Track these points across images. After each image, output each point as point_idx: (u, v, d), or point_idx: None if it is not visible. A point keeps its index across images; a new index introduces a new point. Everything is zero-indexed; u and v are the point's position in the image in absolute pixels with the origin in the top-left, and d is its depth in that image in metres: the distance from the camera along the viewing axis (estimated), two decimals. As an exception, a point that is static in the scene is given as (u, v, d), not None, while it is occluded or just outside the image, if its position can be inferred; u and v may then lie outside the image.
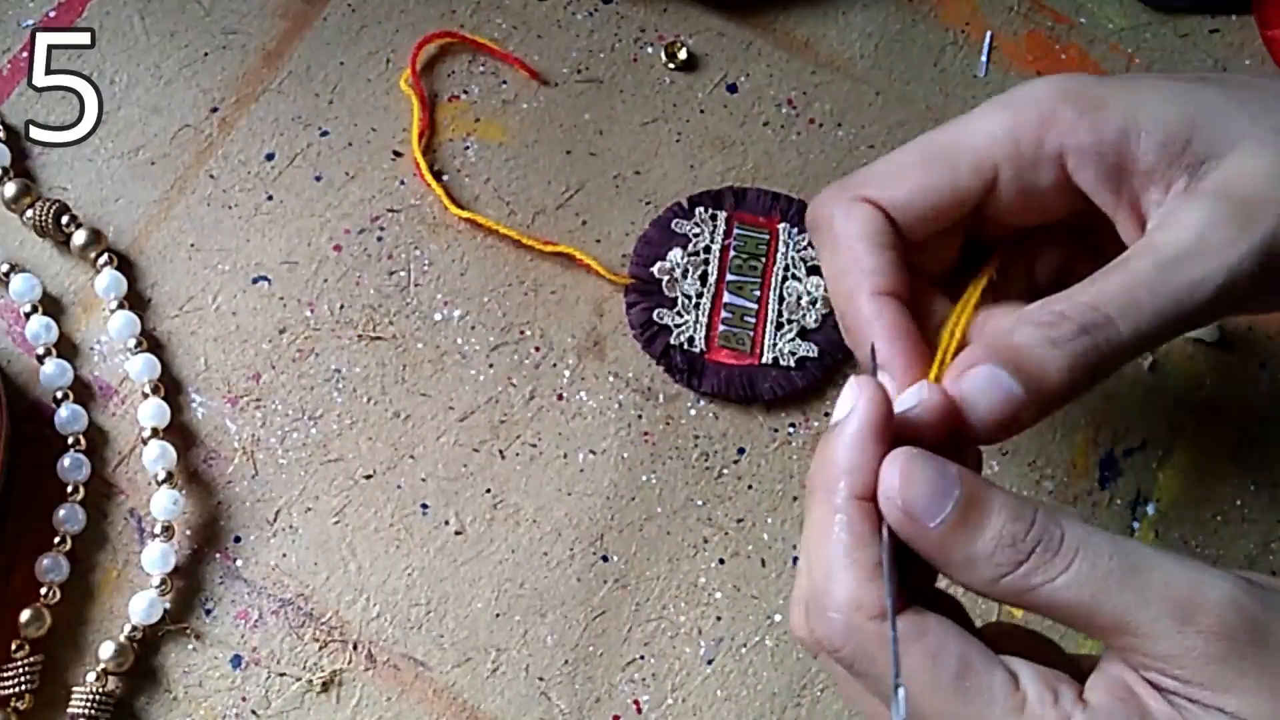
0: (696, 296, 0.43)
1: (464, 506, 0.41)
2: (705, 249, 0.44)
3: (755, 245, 0.44)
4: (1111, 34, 0.49)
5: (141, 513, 0.40)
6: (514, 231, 0.44)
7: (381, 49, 0.47)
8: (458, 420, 0.42)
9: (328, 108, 0.46)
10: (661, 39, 0.48)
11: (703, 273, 0.44)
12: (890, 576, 0.26)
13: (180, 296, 0.43)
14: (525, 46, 0.48)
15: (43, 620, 0.38)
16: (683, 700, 0.39)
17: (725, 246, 0.44)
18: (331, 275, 0.44)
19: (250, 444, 0.41)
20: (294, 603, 0.40)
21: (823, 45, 0.48)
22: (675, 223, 0.44)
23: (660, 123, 0.47)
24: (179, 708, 0.38)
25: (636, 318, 0.43)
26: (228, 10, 0.47)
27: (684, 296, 0.43)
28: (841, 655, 0.27)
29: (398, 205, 0.45)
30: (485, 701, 0.39)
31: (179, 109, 0.46)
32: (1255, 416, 0.43)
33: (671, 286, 0.43)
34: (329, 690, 0.39)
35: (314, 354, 0.43)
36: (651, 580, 0.40)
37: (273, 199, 0.45)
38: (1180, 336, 0.34)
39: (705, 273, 0.44)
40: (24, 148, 0.45)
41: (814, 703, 0.39)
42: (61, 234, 0.43)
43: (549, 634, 0.40)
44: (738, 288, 0.44)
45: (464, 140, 0.46)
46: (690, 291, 0.43)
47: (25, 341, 0.42)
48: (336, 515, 0.41)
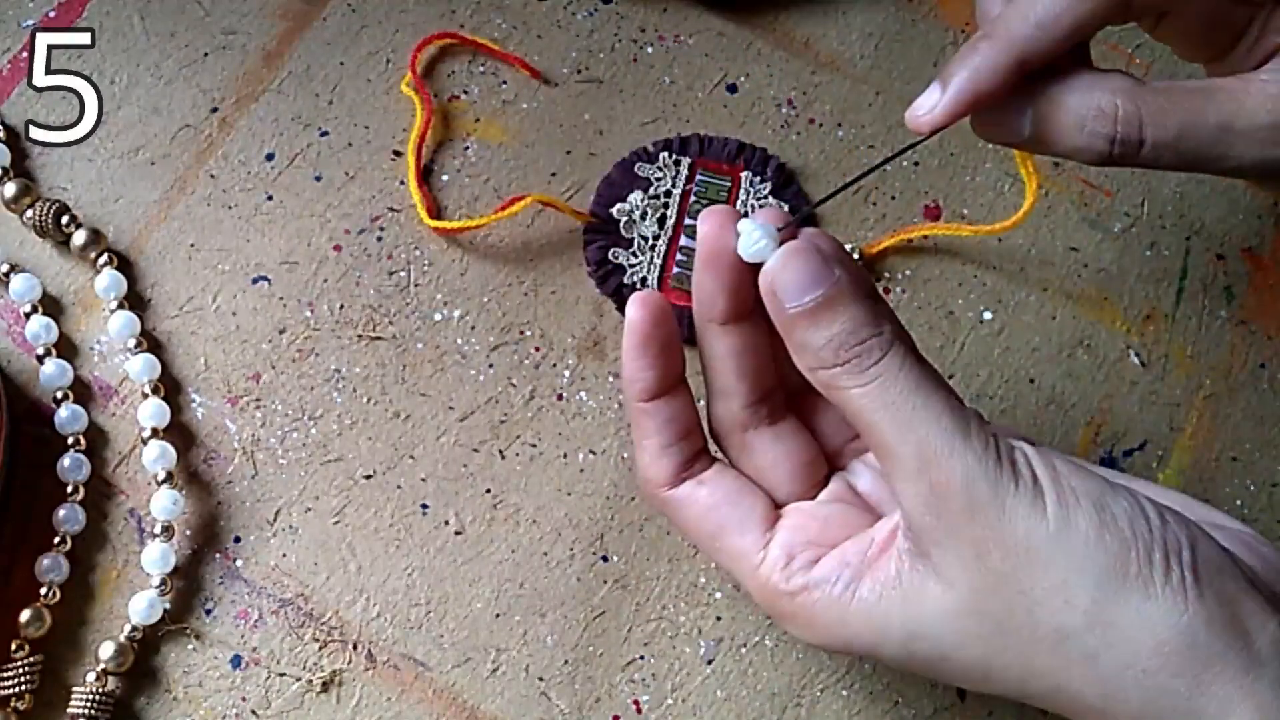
0: (653, 239, 0.44)
1: (464, 506, 0.41)
2: (666, 193, 0.45)
3: (716, 191, 0.45)
4: (1111, 33, 0.49)
5: (141, 513, 0.40)
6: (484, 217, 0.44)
7: (381, 49, 0.47)
8: (458, 420, 0.42)
9: (328, 108, 0.46)
10: (661, 39, 0.48)
11: (661, 216, 0.44)
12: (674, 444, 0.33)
13: (180, 296, 0.43)
14: (525, 46, 0.48)
15: (43, 620, 0.38)
16: (683, 700, 0.39)
17: (686, 191, 0.45)
18: (331, 275, 0.44)
19: (250, 444, 0.41)
20: (294, 603, 0.40)
21: (823, 45, 0.48)
22: (638, 166, 0.45)
23: (660, 123, 0.47)
24: (179, 708, 0.38)
25: (592, 255, 0.44)
26: (228, 10, 0.47)
27: (640, 238, 0.44)
28: (657, 511, 0.34)
29: (398, 205, 0.45)
30: (485, 701, 0.39)
31: (179, 109, 0.46)
32: (1255, 416, 0.43)
33: (629, 228, 0.44)
34: (329, 690, 0.39)
35: (314, 354, 0.43)
36: (651, 580, 0.40)
37: (273, 199, 0.45)
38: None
39: (664, 216, 0.45)
40: (24, 148, 0.45)
41: (814, 703, 0.39)
42: (61, 234, 0.43)
43: (549, 634, 0.40)
44: (695, 232, 0.44)
45: (464, 140, 0.46)
46: (647, 233, 0.44)
47: (25, 341, 0.42)
48: (336, 515, 0.41)
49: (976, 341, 0.44)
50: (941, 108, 0.32)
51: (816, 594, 0.31)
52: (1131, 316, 0.45)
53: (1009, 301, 0.44)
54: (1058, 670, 0.29)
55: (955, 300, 0.44)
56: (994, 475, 0.29)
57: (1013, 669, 0.29)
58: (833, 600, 0.31)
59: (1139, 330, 0.44)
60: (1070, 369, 0.44)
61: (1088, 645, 0.28)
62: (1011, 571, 0.28)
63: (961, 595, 0.29)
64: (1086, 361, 0.44)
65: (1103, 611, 0.28)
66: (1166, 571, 0.28)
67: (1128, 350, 0.44)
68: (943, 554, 0.29)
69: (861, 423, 0.30)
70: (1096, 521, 0.28)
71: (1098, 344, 0.44)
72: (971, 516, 0.29)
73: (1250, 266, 0.45)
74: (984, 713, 0.39)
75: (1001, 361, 0.44)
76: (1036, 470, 0.29)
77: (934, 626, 0.29)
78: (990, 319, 0.44)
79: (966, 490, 0.29)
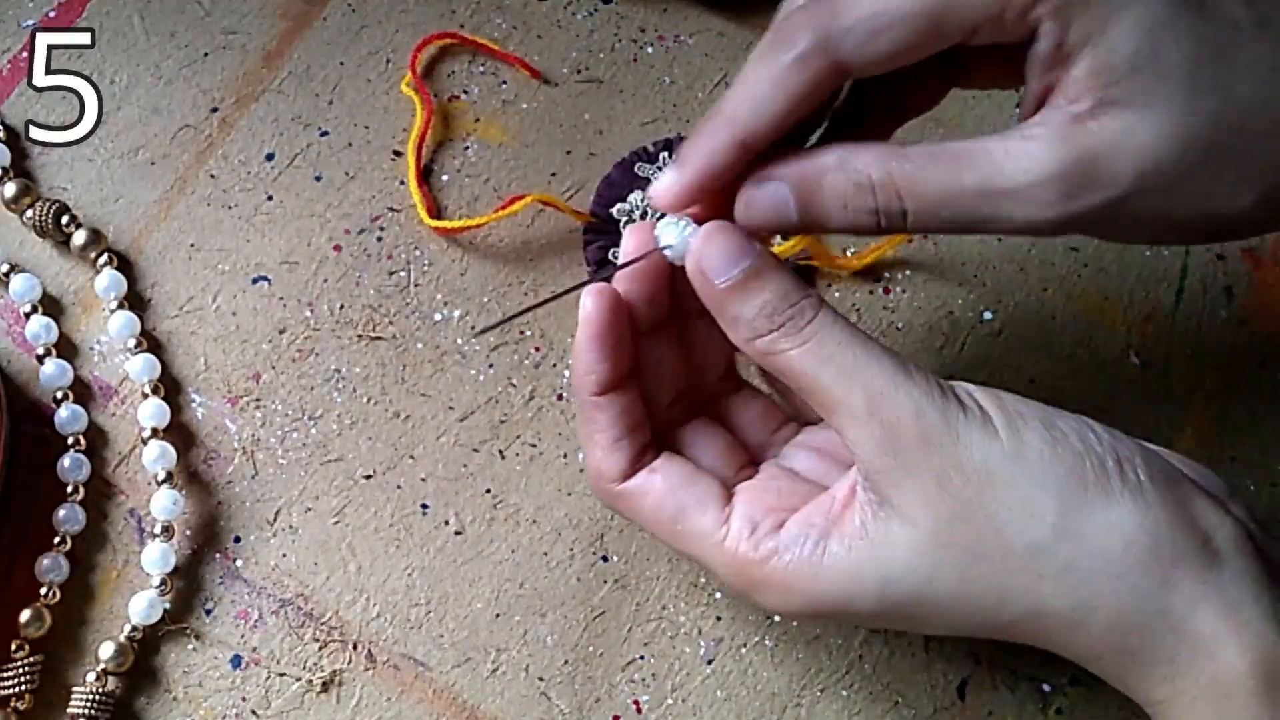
0: None
1: (464, 506, 0.41)
2: None
3: None
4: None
5: (141, 513, 0.40)
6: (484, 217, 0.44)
7: (381, 49, 0.47)
8: (458, 420, 0.42)
9: (328, 108, 0.46)
10: (661, 39, 0.48)
11: (661, 216, 0.44)
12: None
13: (180, 296, 0.43)
14: (525, 46, 0.48)
15: (43, 620, 0.38)
16: (683, 700, 0.39)
17: None
18: (331, 275, 0.44)
19: (250, 444, 0.41)
20: (294, 603, 0.40)
21: (823, 45, 0.48)
22: (638, 166, 0.45)
23: (660, 123, 0.47)
24: (179, 708, 0.38)
25: (592, 255, 0.44)
26: (228, 10, 0.47)
27: None
28: (610, 507, 0.34)
29: (398, 205, 0.45)
30: (485, 701, 0.39)
31: (179, 109, 0.46)
32: (1255, 416, 0.43)
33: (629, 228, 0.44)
34: (329, 690, 0.39)
35: (314, 354, 0.43)
36: (651, 580, 0.40)
37: (273, 199, 0.45)
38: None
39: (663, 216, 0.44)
40: (24, 148, 0.45)
41: (814, 703, 0.39)
42: (61, 234, 0.43)
43: (549, 634, 0.40)
44: None
45: (464, 140, 0.46)
46: None
47: (25, 341, 0.42)
48: (336, 515, 0.41)
49: (976, 341, 0.44)
50: (675, 190, 0.32)
51: (787, 556, 0.31)
52: (1131, 316, 0.45)
53: (1009, 301, 0.44)
54: (1032, 588, 0.29)
55: (955, 300, 0.44)
56: (941, 405, 0.29)
57: (988, 596, 0.29)
58: (804, 560, 0.31)
59: (1139, 330, 0.44)
60: (1070, 369, 0.44)
61: (1060, 557, 0.29)
62: (975, 496, 0.29)
63: (928, 530, 0.29)
64: (1086, 361, 0.44)
65: (1069, 522, 0.29)
66: (1122, 477, 0.29)
67: (1128, 350, 0.44)
68: (903, 494, 0.29)
69: (806, 383, 0.31)
70: (1048, 438, 0.29)
71: (1098, 344, 0.44)
72: (926, 448, 0.29)
73: (1250, 266, 0.45)
74: (984, 712, 0.39)
75: (1001, 361, 0.44)
76: (980, 399, 0.30)
77: (906, 568, 0.30)
78: (990, 319, 0.44)
79: (918, 422, 0.29)
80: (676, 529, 0.33)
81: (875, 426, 0.29)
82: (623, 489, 0.33)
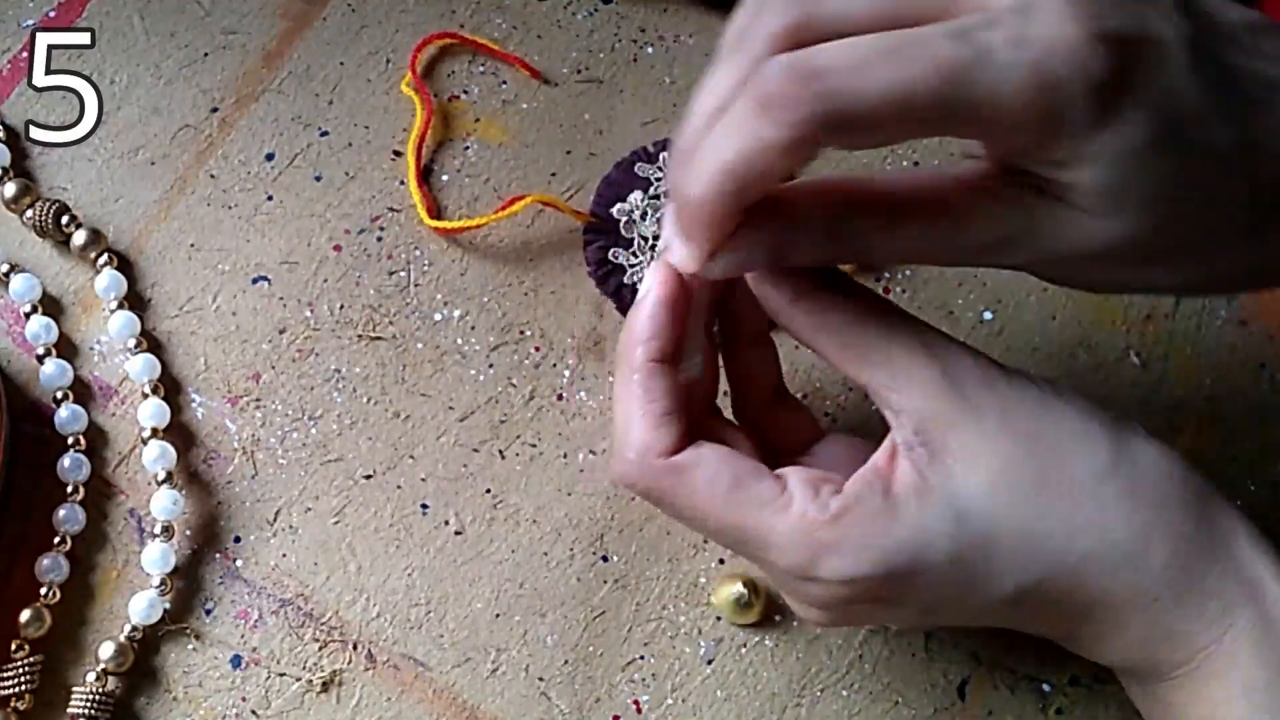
0: (653, 239, 0.44)
1: (464, 506, 0.41)
2: (666, 193, 0.44)
3: None
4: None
5: (141, 513, 0.40)
6: (484, 217, 0.44)
7: (381, 49, 0.47)
8: (458, 420, 0.42)
9: (328, 108, 0.46)
10: (661, 39, 0.48)
11: (661, 216, 0.44)
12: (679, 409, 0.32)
13: (180, 296, 0.43)
14: (525, 46, 0.48)
15: (43, 620, 0.38)
16: (683, 700, 0.39)
17: None
18: (331, 275, 0.44)
19: (250, 444, 0.41)
20: (294, 603, 0.40)
21: (823, 45, 0.48)
22: (638, 166, 0.45)
23: (660, 123, 0.47)
24: (179, 708, 0.38)
25: (592, 255, 0.44)
26: (228, 10, 0.47)
27: (640, 238, 0.44)
28: (639, 490, 0.32)
29: (398, 205, 0.45)
30: (485, 701, 0.39)
31: (179, 109, 0.46)
32: (1255, 416, 0.43)
33: (629, 228, 0.44)
34: (329, 690, 0.39)
35: (314, 354, 0.43)
36: (651, 580, 0.40)
37: (273, 199, 0.45)
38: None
39: (664, 216, 0.44)
40: (24, 148, 0.45)
41: (814, 703, 0.39)
42: (61, 234, 0.43)
43: (549, 634, 0.40)
44: None
45: (464, 140, 0.46)
46: (647, 233, 0.44)
47: (25, 341, 0.42)
48: (336, 515, 0.41)
49: (976, 341, 0.44)
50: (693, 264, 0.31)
51: (858, 510, 0.30)
52: (1131, 316, 0.45)
53: (1009, 301, 0.44)
54: (1096, 518, 0.30)
55: (955, 300, 0.44)
56: (986, 358, 0.31)
57: (1057, 531, 0.30)
58: (877, 512, 0.30)
59: (1139, 330, 0.44)
60: (1070, 369, 0.44)
61: (1120, 483, 0.30)
62: (1037, 428, 0.30)
63: (993, 468, 0.30)
64: (1086, 361, 0.44)
65: (1121, 451, 0.30)
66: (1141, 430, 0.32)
67: (1128, 350, 0.44)
68: (962, 435, 0.30)
69: (864, 341, 0.31)
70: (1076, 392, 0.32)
71: (1098, 344, 0.44)
72: (989, 385, 0.30)
73: (1250, 266, 0.45)
74: (984, 712, 0.39)
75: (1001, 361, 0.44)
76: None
77: (975, 508, 0.30)
78: (990, 319, 0.44)
79: (977, 364, 0.31)
80: (734, 498, 0.31)
81: (936, 369, 0.30)
82: (673, 461, 0.32)
